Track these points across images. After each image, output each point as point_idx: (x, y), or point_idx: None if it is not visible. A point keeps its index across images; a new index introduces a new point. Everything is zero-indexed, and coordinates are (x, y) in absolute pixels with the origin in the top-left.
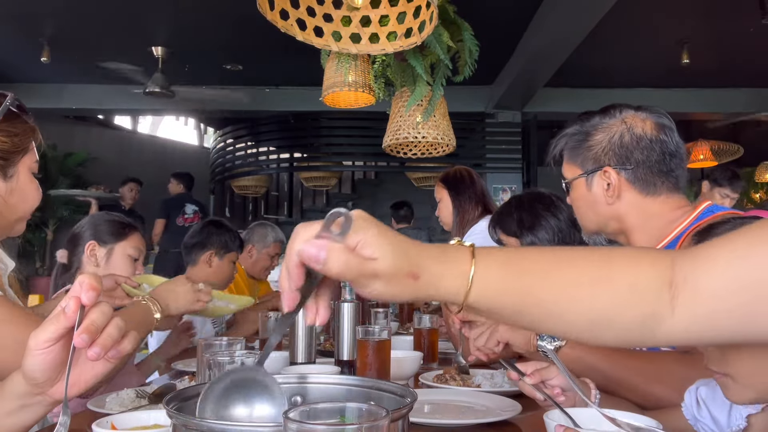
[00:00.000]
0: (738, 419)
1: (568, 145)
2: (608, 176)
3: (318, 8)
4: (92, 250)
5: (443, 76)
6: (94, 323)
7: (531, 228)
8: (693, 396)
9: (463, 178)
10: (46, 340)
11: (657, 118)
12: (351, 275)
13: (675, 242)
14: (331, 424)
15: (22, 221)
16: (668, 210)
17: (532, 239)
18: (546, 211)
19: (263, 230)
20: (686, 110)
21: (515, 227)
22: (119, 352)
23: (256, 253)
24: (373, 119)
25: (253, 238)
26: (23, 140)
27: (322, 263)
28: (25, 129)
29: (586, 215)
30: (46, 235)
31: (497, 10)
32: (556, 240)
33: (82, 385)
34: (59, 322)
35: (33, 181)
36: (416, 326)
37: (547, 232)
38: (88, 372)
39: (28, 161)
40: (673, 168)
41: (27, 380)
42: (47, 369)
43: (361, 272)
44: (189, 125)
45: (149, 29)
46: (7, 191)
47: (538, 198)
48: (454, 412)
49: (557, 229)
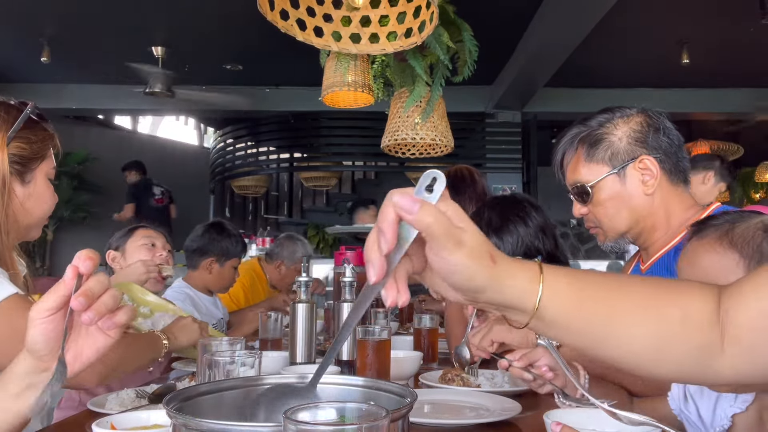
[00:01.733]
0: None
1: (583, 146)
2: (645, 165)
3: (318, 8)
4: (113, 258)
5: (442, 77)
6: (91, 289)
7: (497, 230)
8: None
9: (464, 177)
10: (46, 309)
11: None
12: (439, 231)
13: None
14: (331, 424)
15: (38, 226)
16: (683, 208)
17: (495, 242)
18: (516, 216)
19: (293, 246)
20: (686, 110)
21: (483, 227)
22: (114, 323)
23: (285, 269)
24: (372, 119)
25: (283, 254)
26: (42, 147)
27: (415, 213)
28: (44, 136)
29: (618, 214)
30: (47, 235)
31: (497, 10)
32: (518, 246)
33: (84, 359)
34: (58, 290)
35: (49, 186)
36: (416, 326)
37: (512, 236)
38: (90, 346)
39: (46, 167)
40: (683, 159)
41: (31, 353)
42: (49, 339)
43: (449, 233)
44: (189, 125)
45: (149, 29)
46: (24, 196)
47: (513, 202)
48: (454, 412)
49: (523, 236)
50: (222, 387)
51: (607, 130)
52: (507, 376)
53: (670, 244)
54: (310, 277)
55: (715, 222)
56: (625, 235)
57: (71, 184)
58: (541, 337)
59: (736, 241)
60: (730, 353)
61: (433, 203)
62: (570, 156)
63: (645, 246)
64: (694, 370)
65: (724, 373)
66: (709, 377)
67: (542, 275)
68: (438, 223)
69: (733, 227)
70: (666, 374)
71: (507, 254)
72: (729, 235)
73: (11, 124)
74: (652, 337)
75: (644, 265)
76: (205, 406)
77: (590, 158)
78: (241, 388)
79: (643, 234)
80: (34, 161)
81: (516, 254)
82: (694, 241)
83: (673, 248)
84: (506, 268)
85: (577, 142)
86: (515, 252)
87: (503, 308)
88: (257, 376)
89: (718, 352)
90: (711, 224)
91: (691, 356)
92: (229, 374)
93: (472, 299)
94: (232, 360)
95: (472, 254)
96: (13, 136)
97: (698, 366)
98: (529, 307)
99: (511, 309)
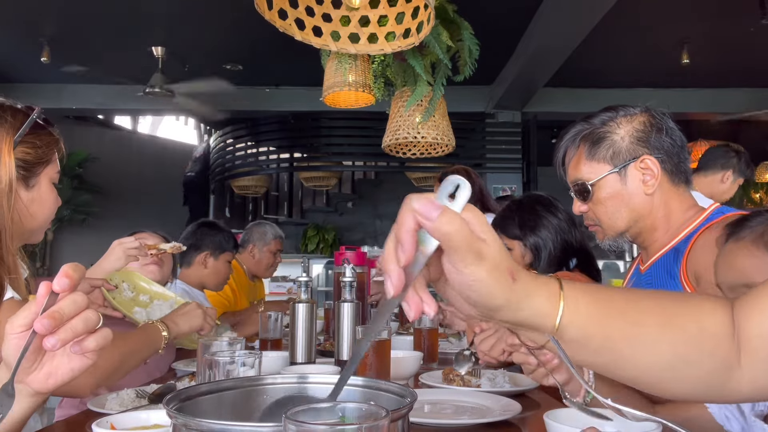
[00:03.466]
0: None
1: (585, 144)
2: (646, 165)
3: (317, 8)
4: None
5: (444, 76)
6: (60, 311)
7: (534, 228)
8: None
9: None
10: (19, 325)
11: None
12: (459, 242)
13: (686, 241)
14: (331, 424)
15: (41, 230)
16: (683, 209)
17: (535, 240)
18: (546, 211)
19: (262, 228)
20: (686, 110)
21: (517, 229)
22: (81, 349)
23: (258, 252)
24: (373, 119)
25: (253, 238)
26: (47, 152)
27: (435, 219)
28: (49, 141)
29: (617, 213)
30: (47, 235)
31: (497, 9)
32: (558, 238)
33: (58, 378)
34: (30, 307)
35: (53, 191)
36: (416, 326)
37: (549, 232)
38: (65, 365)
39: (50, 172)
40: (685, 159)
41: (7, 367)
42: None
43: (470, 245)
44: (189, 125)
45: (149, 29)
46: (28, 200)
47: (538, 200)
48: (454, 412)
49: (558, 228)
50: (222, 387)
51: (610, 128)
52: (507, 376)
53: (670, 244)
54: (309, 277)
55: (751, 224)
56: (624, 234)
57: (71, 184)
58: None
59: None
60: (748, 367)
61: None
62: (572, 153)
63: (644, 245)
64: (713, 386)
65: (742, 388)
66: (727, 393)
67: (562, 292)
68: (459, 233)
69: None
70: (684, 392)
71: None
72: (765, 237)
73: (17, 128)
74: (671, 354)
75: (644, 266)
76: (205, 406)
77: (592, 156)
78: (241, 388)
79: (642, 233)
80: (39, 166)
81: (556, 248)
82: (731, 243)
83: (672, 249)
84: (525, 286)
85: (579, 140)
86: (555, 245)
87: (520, 327)
88: (257, 376)
89: (735, 366)
90: (747, 226)
91: (709, 372)
92: (229, 374)
93: (487, 317)
94: (232, 360)
95: (492, 270)
96: (19, 140)
97: (716, 381)
98: (548, 328)
99: (529, 329)
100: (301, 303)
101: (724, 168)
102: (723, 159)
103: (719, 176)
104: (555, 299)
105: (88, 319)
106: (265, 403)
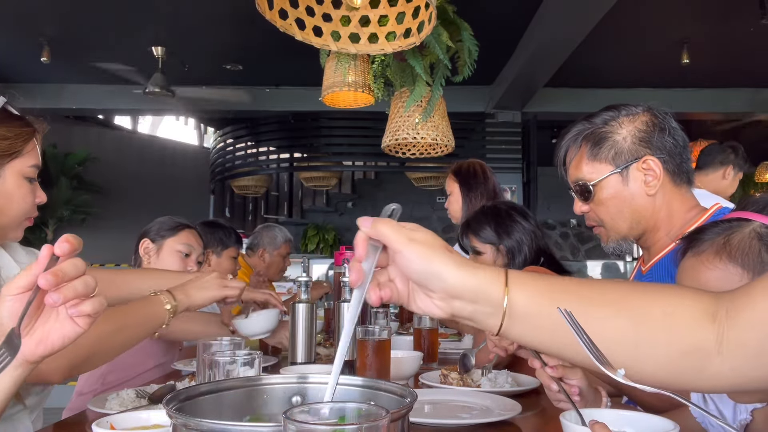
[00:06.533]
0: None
1: (587, 144)
2: (649, 165)
3: (317, 8)
4: (145, 247)
5: (443, 76)
6: (63, 270)
7: (510, 233)
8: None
9: (476, 173)
10: (17, 287)
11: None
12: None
13: None
14: (331, 424)
15: (15, 228)
16: (685, 209)
17: (511, 244)
18: (522, 218)
19: (271, 233)
20: (686, 110)
21: (492, 234)
22: (79, 311)
23: (269, 256)
24: (373, 119)
25: (263, 242)
26: (14, 144)
27: (369, 225)
28: (19, 133)
29: (620, 214)
30: (46, 235)
31: (497, 10)
32: (533, 244)
33: (48, 344)
34: (31, 269)
35: (22, 186)
36: (416, 326)
37: (525, 237)
38: (57, 331)
39: (19, 165)
40: (687, 159)
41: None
42: (14, 317)
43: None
44: (189, 125)
45: (149, 29)
46: None
47: (513, 206)
48: (454, 412)
49: (531, 231)
50: (222, 387)
51: (612, 128)
52: (508, 376)
53: (672, 244)
54: (309, 277)
55: (707, 236)
56: (627, 236)
57: (71, 184)
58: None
59: (735, 254)
60: (729, 355)
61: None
62: (573, 153)
63: (647, 246)
64: (684, 371)
65: (722, 376)
66: (705, 380)
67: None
68: (389, 227)
69: (728, 239)
70: (648, 374)
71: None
72: (726, 248)
73: None
74: (633, 333)
75: (645, 267)
76: (205, 406)
77: (593, 156)
78: (241, 388)
79: (645, 234)
80: (3, 158)
81: (531, 252)
82: (691, 257)
83: (674, 249)
84: (466, 260)
85: (581, 140)
86: (530, 250)
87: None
88: (257, 375)
89: (713, 353)
90: (703, 239)
91: (678, 356)
92: (229, 374)
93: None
94: (232, 360)
95: (424, 244)
96: None
97: (689, 367)
98: (497, 297)
99: (481, 305)
100: (301, 303)
101: (724, 164)
102: (721, 156)
103: (720, 173)
104: (500, 271)
105: (88, 282)
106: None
